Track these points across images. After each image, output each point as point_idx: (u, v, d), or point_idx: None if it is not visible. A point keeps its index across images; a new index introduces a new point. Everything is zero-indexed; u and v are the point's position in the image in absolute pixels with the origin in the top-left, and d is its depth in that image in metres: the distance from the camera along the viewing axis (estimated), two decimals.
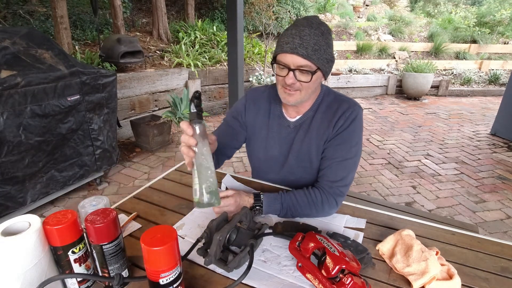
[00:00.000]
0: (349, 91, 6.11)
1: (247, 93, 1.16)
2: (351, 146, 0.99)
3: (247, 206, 0.91)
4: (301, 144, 1.06)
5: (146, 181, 2.80)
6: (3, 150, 1.85)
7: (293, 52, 0.87)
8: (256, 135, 1.14)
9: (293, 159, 1.08)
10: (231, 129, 1.14)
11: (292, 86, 0.93)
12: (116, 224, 0.66)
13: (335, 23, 7.73)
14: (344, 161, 0.99)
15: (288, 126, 1.08)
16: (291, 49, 0.87)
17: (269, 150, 1.13)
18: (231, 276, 0.75)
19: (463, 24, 8.07)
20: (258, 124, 1.12)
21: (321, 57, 0.89)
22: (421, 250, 0.77)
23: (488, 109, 5.50)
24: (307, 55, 0.87)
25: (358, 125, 1.00)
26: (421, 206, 2.56)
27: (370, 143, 3.86)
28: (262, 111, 1.12)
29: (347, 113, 0.98)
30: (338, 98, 1.04)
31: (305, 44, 0.86)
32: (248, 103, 1.13)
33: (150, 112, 3.86)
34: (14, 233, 0.59)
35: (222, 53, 4.82)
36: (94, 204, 0.75)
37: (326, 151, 1.02)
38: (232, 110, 1.16)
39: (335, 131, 0.99)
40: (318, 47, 0.87)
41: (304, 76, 0.91)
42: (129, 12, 5.26)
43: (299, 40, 0.86)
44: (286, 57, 0.89)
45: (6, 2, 4.23)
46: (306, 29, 0.87)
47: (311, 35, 0.87)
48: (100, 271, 0.68)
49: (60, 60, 2.15)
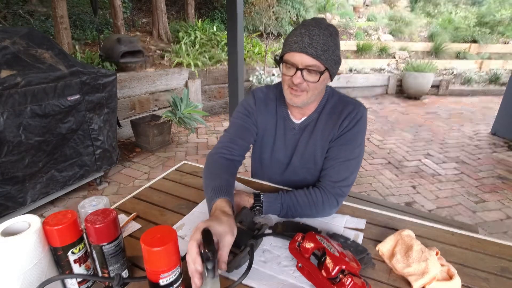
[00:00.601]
0: (350, 91, 6.11)
1: (255, 93, 1.10)
2: (355, 146, 0.99)
3: (247, 206, 0.91)
4: (305, 146, 1.05)
5: (146, 181, 2.80)
6: (3, 150, 1.85)
7: (302, 51, 0.86)
8: (265, 137, 1.12)
9: (297, 161, 1.08)
10: (243, 128, 1.07)
11: (299, 86, 0.92)
12: (116, 224, 0.66)
13: (335, 23, 7.72)
14: (347, 162, 0.99)
15: (294, 128, 1.07)
16: (300, 48, 0.86)
17: (275, 152, 1.12)
18: (231, 277, 0.75)
19: (463, 24, 8.07)
20: (268, 126, 1.10)
21: (329, 58, 0.89)
22: (421, 250, 0.77)
23: (488, 108, 5.50)
24: (316, 55, 0.86)
25: (362, 126, 1.00)
26: (421, 206, 2.56)
27: (370, 143, 3.86)
28: (271, 113, 1.09)
29: (352, 114, 0.98)
30: (342, 99, 1.03)
31: (314, 44, 0.86)
32: (258, 103, 1.08)
33: (150, 112, 3.86)
34: (14, 233, 0.59)
35: (222, 53, 4.81)
36: (94, 204, 0.74)
37: (329, 151, 1.02)
38: (241, 109, 1.09)
39: (340, 131, 0.99)
40: (327, 47, 0.87)
41: (311, 76, 0.90)
42: (129, 12, 5.26)
43: (309, 39, 0.86)
44: (295, 56, 0.88)
45: (6, 2, 4.23)
46: (315, 29, 0.87)
47: (321, 35, 0.86)
48: (100, 271, 0.68)
49: (60, 60, 2.15)
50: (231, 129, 1.08)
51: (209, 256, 0.61)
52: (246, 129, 1.07)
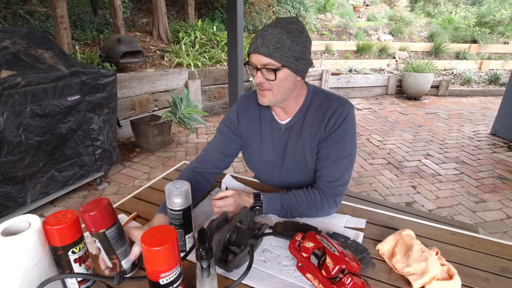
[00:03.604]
0: (349, 91, 6.11)
1: (238, 101, 1.15)
2: (345, 145, 0.99)
3: (247, 206, 0.91)
4: (295, 146, 1.05)
5: (146, 181, 2.80)
6: (3, 150, 1.85)
7: (256, 52, 0.90)
8: (250, 142, 1.13)
9: (289, 162, 1.08)
10: (225, 138, 1.14)
11: (262, 85, 0.94)
12: (111, 210, 0.67)
13: (335, 23, 7.73)
14: (339, 161, 0.98)
15: (280, 129, 1.07)
16: (254, 48, 0.90)
17: (264, 154, 1.12)
18: (231, 276, 0.75)
19: (463, 24, 8.07)
20: (251, 130, 1.12)
21: (284, 54, 0.89)
22: (421, 250, 0.77)
23: (488, 109, 5.50)
24: (268, 53, 0.88)
25: (350, 123, 0.99)
26: (421, 206, 2.56)
27: (370, 143, 3.86)
28: (254, 117, 1.11)
29: (337, 112, 0.98)
30: (328, 97, 1.02)
31: (266, 43, 0.88)
32: (240, 111, 1.12)
33: (150, 112, 3.86)
34: (14, 233, 0.59)
35: (222, 53, 4.82)
36: (178, 187, 0.78)
37: (320, 152, 1.02)
38: (225, 119, 1.16)
39: (327, 131, 0.99)
40: (280, 44, 0.88)
41: (270, 74, 0.92)
42: (129, 12, 5.26)
43: (261, 39, 0.89)
44: (253, 57, 0.92)
45: (6, 2, 4.23)
46: (269, 29, 0.90)
47: (273, 34, 0.88)
48: (109, 259, 0.69)
49: (60, 60, 2.15)
50: (211, 142, 1.17)
51: (203, 255, 0.61)
52: (226, 140, 1.14)
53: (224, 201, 0.92)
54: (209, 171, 1.12)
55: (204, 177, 1.09)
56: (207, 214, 1.00)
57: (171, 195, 0.76)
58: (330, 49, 6.76)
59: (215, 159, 1.13)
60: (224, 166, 1.16)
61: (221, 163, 1.15)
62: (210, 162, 1.13)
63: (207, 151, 1.15)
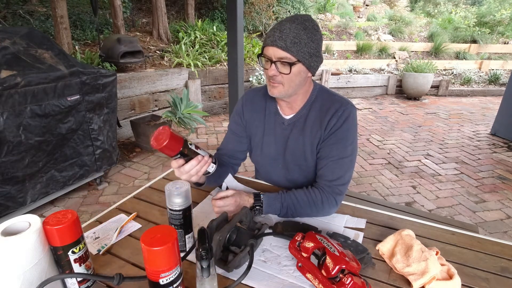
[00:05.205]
0: (349, 91, 6.11)
1: (245, 94, 1.19)
2: (347, 145, 0.99)
3: (247, 206, 0.91)
4: (296, 142, 1.06)
5: (146, 181, 2.80)
6: (3, 150, 1.85)
7: (273, 45, 0.91)
8: (253, 133, 1.16)
9: (289, 157, 1.09)
10: (235, 135, 1.18)
11: (274, 78, 0.95)
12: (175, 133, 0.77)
13: (335, 23, 7.73)
14: (340, 160, 0.99)
15: (283, 123, 1.09)
16: (272, 41, 0.91)
17: (265, 147, 1.13)
18: (231, 276, 0.75)
19: (463, 24, 8.07)
20: (255, 122, 1.14)
21: (301, 50, 0.90)
22: (421, 250, 0.77)
23: (488, 109, 5.50)
24: (285, 47, 0.89)
25: (351, 123, 1.00)
26: (421, 206, 2.56)
27: (370, 143, 3.86)
28: (258, 109, 1.13)
29: (339, 112, 0.99)
30: (331, 97, 1.04)
31: (284, 37, 0.89)
32: (245, 103, 1.16)
33: (150, 112, 3.86)
34: (14, 233, 0.59)
35: (222, 53, 4.81)
36: (178, 187, 0.78)
37: (321, 151, 1.02)
38: (233, 114, 1.19)
39: (328, 130, 1.00)
40: (298, 40, 0.89)
41: (285, 68, 0.93)
42: (129, 12, 5.26)
43: (279, 33, 0.90)
44: (268, 50, 0.93)
45: (6, 2, 4.23)
46: (287, 23, 0.91)
47: (292, 29, 0.90)
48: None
49: (60, 60, 2.15)
50: (225, 137, 1.23)
51: (203, 255, 0.61)
52: (236, 135, 1.19)
53: (224, 201, 0.92)
54: (232, 161, 1.21)
55: (227, 161, 1.18)
56: (207, 214, 1.00)
57: (171, 195, 0.76)
58: (330, 49, 6.76)
59: (231, 150, 1.20)
60: (241, 159, 1.24)
61: (236, 158, 1.22)
62: (228, 153, 1.20)
63: (222, 145, 1.23)
